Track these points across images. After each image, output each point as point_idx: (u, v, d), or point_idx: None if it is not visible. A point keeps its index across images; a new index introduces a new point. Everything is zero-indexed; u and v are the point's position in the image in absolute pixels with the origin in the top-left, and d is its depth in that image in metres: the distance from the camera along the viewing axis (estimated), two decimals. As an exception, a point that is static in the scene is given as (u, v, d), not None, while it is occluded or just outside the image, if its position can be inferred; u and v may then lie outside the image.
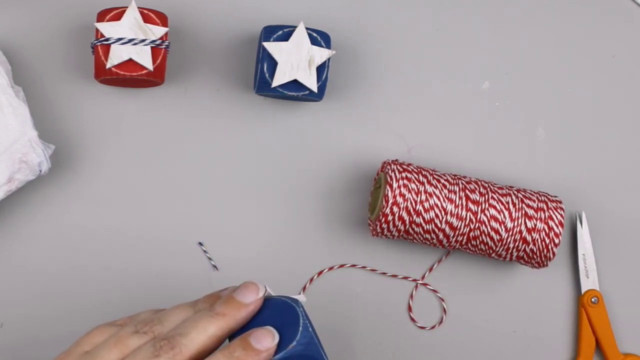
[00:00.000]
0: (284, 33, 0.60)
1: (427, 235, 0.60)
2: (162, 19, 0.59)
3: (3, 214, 0.61)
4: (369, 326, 0.64)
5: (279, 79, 0.59)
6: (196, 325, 0.46)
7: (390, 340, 0.64)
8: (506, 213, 0.59)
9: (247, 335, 0.45)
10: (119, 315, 0.62)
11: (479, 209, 0.59)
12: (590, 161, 0.67)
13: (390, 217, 0.59)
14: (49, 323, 0.61)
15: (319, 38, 0.60)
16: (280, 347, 0.46)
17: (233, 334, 0.47)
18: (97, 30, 0.58)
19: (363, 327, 0.64)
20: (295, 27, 0.60)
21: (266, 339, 0.46)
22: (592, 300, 0.65)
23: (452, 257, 0.65)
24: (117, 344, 0.46)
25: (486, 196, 0.59)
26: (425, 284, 0.65)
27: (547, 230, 0.59)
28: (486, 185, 0.61)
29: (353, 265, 0.64)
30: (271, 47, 0.59)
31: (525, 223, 0.59)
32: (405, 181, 0.59)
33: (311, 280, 0.64)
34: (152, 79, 0.59)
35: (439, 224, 0.59)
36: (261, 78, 0.60)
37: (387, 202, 0.58)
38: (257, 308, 0.48)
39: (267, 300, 0.48)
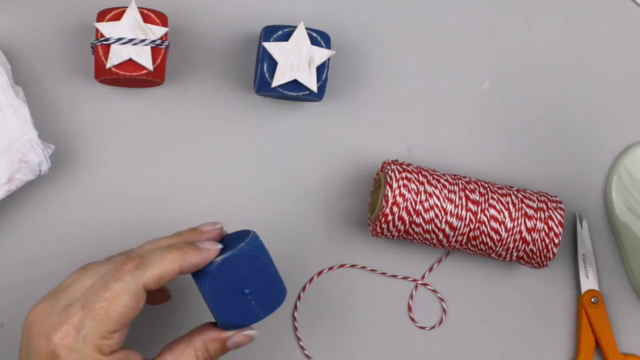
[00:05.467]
0: (284, 33, 0.60)
1: (427, 235, 0.60)
2: (162, 19, 0.59)
3: (3, 214, 0.61)
4: (369, 326, 0.64)
5: (279, 79, 0.59)
6: (152, 242, 0.52)
7: (390, 340, 0.64)
8: (506, 213, 0.59)
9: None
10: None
11: (479, 209, 0.59)
12: (590, 161, 0.67)
13: (390, 217, 0.59)
14: (49, 323, 0.61)
15: (319, 38, 0.60)
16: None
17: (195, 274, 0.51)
18: (97, 30, 0.58)
19: (363, 327, 0.64)
20: (295, 27, 0.60)
21: (208, 242, 0.51)
22: (592, 300, 0.65)
23: (452, 257, 0.65)
24: (81, 269, 0.51)
25: (486, 196, 0.60)
26: (425, 284, 0.65)
27: (547, 230, 0.59)
28: (486, 185, 0.61)
29: (353, 266, 0.64)
30: (271, 47, 0.59)
31: (525, 223, 0.59)
32: (405, 181, 0.59)
33: (311, 280, 0.64)
34: (152, 79, 0.59)
35: (438, 224, 0.59)
36: (261, 78, 0.60)
37: (387, 202, 0.58)
38: (213, 236, 0.53)
39: (228, 235, 0.54)
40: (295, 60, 0.59)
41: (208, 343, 0.51)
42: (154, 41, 0.58)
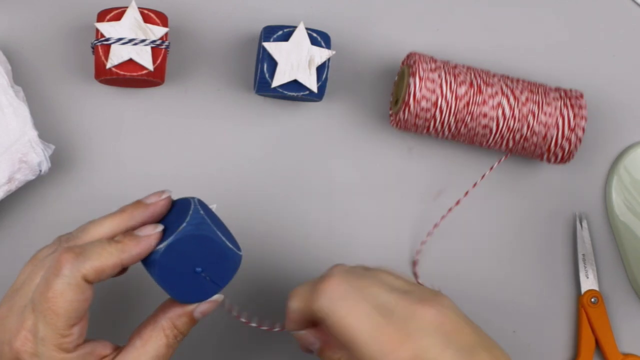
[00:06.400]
0: (284, 33, 0.60)
1: (448, 126, 0.60)
2: (162, 19, 0.59)
3: (3, 214, 0.61)
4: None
5: (279, 79, 0.59)
6: (94, 221, 0.50)
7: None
8: (528, 104, 0.60)
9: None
10: (118, 316, 0.62)
11: (505, 100, 0.60)
12: (590, 161, 0.67)
13: (412, 107, 0.59)
14: (49, 323, 0.61)
15: (319, 38, 0.60)
16: (173, 232, 0.48)
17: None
18: (97, 30, 0.58)
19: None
20: (295, 27, 0.60)
21: (147, 228, 0.49)
22: (592, 300, 0.65)
23: (450, 256, 0.65)
24: (31, 261, 0.50)
25: (511, 88, 0.60)
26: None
27: (573, 119, 0.60)
28: (511, 78, 0.61)
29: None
30: (271, 47, 0.59)
31: (552, 110, 0.60)
32: (429, 72, 0.59)
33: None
34: (152, 79, 0.59)
35: (460, 116, 0.59)
36: (261, 78, 0.60)
37: (409, 91, 0.59)
38: (159, 210, 0.51)
39: (172, 203, 0.52)
40: (295, 61, 0.59)
41: (175, 320, 0.50)
42: (154, 41, 0.58)
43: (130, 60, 0.58)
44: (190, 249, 0.49)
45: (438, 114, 0.59)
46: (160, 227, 0.49)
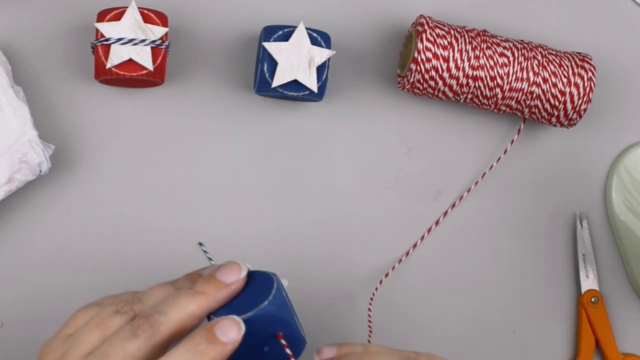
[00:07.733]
0: (284, 33, 0.60)
1: (455, 87, 0.60)
2: (162, 19, 0.59)
3: (3, 214, 0.61)
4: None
5: (279, 79, 0.59)
6: (175, 303, 0.46)
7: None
8: (539, 58, 0.60)
9: (212, 327, 0.44)
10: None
11: (517, 64, 0.60)
12: (590, 161, 0.67)
13: (421, 67, 0.59)
14: (49, 323, 0.61)
15: (319, 38, 0.60)
16: (252, 307, 0.46)
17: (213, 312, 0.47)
18: (97, 30, 0.58)
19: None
20: (295, 27, 0.60)
21: (232, 329, 0.44)
22: (592, 300, 0.65)
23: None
24: (98, 326, 0.46)
25: (521, 51, 0.61)
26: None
27: (583, 80, 0.61)
28: (518, 42, 0.62)
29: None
30: (271, 47, 0.59)
31: (559, 74, 0.60)
32: (436, 36, 0.60)
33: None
34: (152, 79, 0.59)
35: (468, 78, 0.60)
36: (261, 78, 0.60)
37: (418, 53, 0.59)
38: (239, 288, 0.48)
39: (249, 273, 0.48)
40: (295, 60, 0.59)
41: None
42: (154, 41, 0.58)
43: (130, 60, 0.58)
44: (264, 327, 0.46)
45: (453, 66, 0.59)
46: (243, 329, 0.45)
